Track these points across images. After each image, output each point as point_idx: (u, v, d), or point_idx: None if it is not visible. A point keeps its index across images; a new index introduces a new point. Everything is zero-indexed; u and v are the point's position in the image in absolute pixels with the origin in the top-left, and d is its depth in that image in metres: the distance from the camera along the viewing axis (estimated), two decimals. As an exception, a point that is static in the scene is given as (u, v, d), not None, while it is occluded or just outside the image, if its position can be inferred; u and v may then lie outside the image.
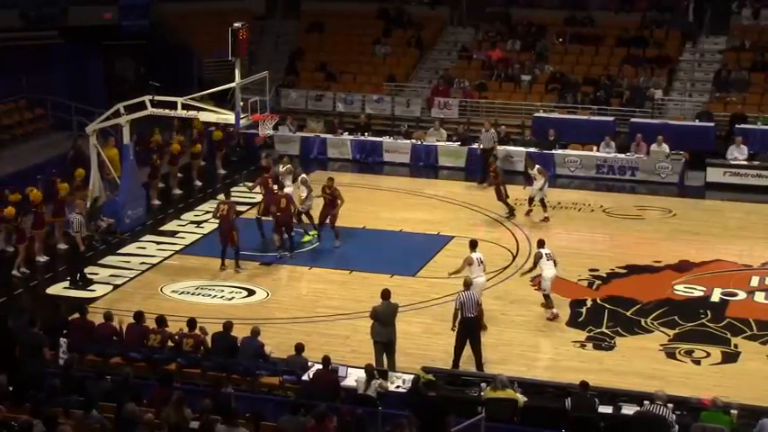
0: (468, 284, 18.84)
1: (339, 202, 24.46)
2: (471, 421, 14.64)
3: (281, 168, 26.13)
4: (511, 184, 27.99)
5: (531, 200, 26.80)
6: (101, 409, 14.54)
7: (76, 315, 18.87)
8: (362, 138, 33.08)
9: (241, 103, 24.35)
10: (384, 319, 18.18)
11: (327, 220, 24.62)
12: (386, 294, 18.38)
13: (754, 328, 20.19)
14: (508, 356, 19.03)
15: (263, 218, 24.85)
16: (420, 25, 39.63)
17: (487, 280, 20.81)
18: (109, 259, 24.08)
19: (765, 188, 29.37)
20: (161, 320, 18.23)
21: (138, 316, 18.42)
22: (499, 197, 26.98)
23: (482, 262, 20.22)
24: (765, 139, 30.89)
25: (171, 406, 14.42)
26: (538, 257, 20.84)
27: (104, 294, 22.07)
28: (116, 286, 22.56)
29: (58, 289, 22.53)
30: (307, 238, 25.10)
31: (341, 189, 24.84)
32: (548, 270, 20.67)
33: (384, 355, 18.09)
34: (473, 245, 20.51)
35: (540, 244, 21.12)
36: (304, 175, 26.16)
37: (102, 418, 14.26)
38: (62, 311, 19.86)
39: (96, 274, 23.09)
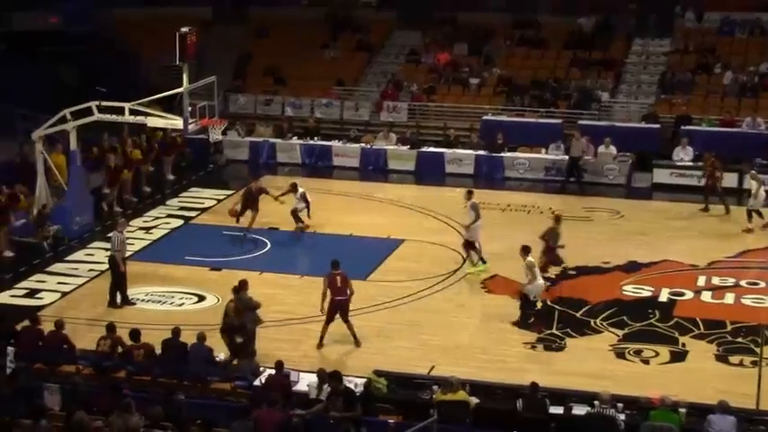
0: None
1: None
2: (423, 424, 14.68)
3: None
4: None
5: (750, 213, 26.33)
6: (50, 418, 14.39)
7: (26, 323, 18.66)
8: (312, 142, 33.03)
9: (189, 109, 24.21)
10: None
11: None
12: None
13: (701, 327, 20.41)
14: (459, 359, 19.06)
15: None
16: (367, 29, 39.70)
17: (438, 283, 20.81)
18: (56, 266, 23.80)
19: (710, 189, 29.71)
20: (111, 327, 18.10)
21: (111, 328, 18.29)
22: None
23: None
24: (710, 139, 31.19)
25: (118, 413, 14.31)
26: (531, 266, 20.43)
27: (52, 302, 21.79)
28: (64, 294, 22.26)
29: (4, 297, 22.21)
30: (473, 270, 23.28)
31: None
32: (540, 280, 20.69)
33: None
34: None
35: (526, 251, 20.58)
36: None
37: (51, 427, 14.11)
38: (8, 320, 19.56)
39: (44, 281, 22.85)
